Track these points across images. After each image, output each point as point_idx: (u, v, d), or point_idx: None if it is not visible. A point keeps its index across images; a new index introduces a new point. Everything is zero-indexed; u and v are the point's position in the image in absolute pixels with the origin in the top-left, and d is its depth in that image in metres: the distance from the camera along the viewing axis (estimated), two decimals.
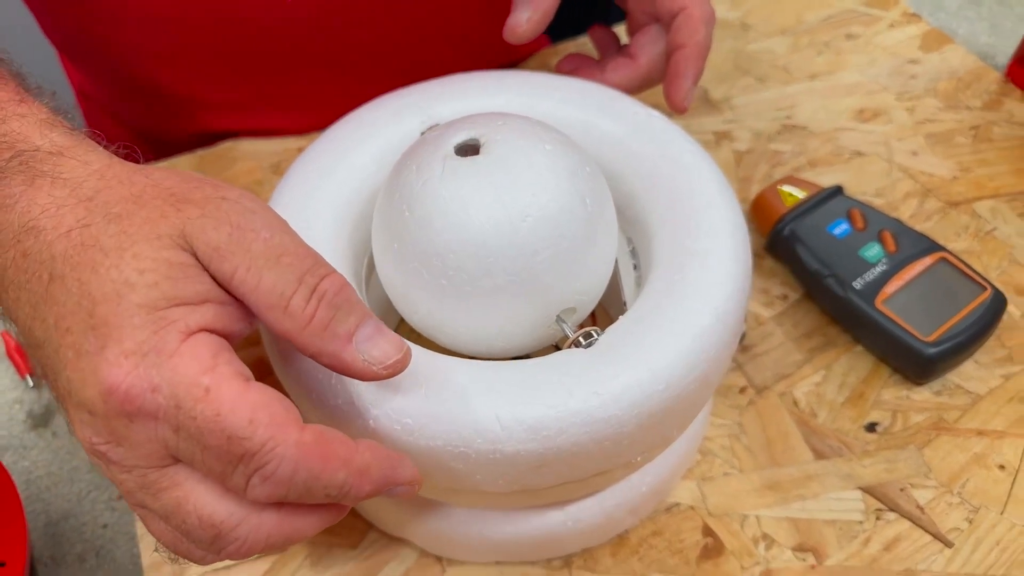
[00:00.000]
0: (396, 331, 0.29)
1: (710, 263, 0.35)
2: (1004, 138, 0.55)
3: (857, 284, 0.45)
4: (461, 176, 0.32)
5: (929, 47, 0.61)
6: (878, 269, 0.45)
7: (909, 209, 0.52)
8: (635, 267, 0.39)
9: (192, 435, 0.25)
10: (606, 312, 0.43)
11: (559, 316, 0.34)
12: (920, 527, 0.40)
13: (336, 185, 0.38)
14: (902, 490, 0.41)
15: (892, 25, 0.63)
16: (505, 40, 0.43)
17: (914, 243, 0.46)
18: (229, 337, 0.27)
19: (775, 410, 0.44)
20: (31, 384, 0.48)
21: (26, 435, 0.46)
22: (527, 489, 0.32)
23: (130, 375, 0.25)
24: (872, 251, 0.46)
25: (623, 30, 0.51)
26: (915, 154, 0.54)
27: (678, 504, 0.41)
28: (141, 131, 0.63)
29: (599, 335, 0.33)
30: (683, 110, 0.45)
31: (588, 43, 0.53)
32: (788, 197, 0.49)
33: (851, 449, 0.42)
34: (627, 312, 0.34)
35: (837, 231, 0.47)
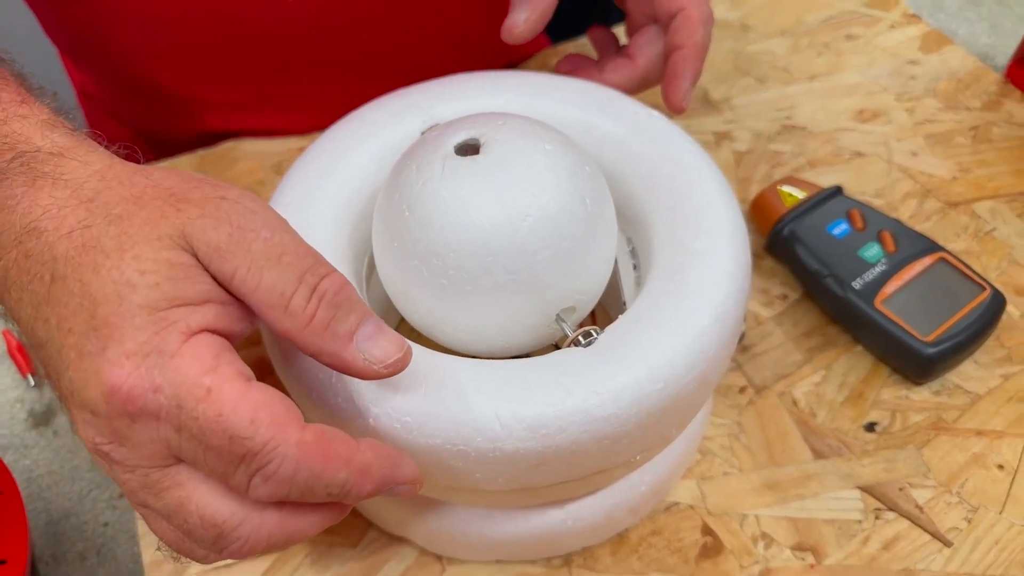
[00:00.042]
0: (396, 330, 0.29)
1: (709, 263, 0.35)
2: (1004, 139, 0.55)
3: (856, 284, 0.45)
4: (461, 176, 0.32)
5: (929, 48, 0.61)
6: (877, 269, 0.45)
7: (909, 209, 0.52)
8: (635, 267, 0.39)
9: (194, 435, 0.25)
10: (606, 312, 0.43)
11: (559, 315, 0.34)
12: (919, 526, 0.40)
13: (337, 185, 0.38)
14: (901, 490, 0.41)
15: (892, 26, 0.63)
16: (503, 40, 0.43)
17: (913, 243, 0.46)
18: (230, 337, 0.27)
19: (774, 410, 0.44)
20: (32, 383, 0.48)
21: (27, 434, 0.46)
22: (526, 487, 0.32)
23: (132, 375, 0.25)
24: (871, 251, 0.46)
25: (623, 31, 0.51)
26: (915, 155, 0.54)
27: (677, 503, 0.41)
28: (142, 131, 0.63)
29: (598, 334, 0.33)
30: (681, 110, 0.45)
31: (588, 44, 0.53)
32: (788, 197, 0.49)
33: (850, 449, 0.42)
34: (626, 311, 0.34)
35: (837, 231, 0.47)
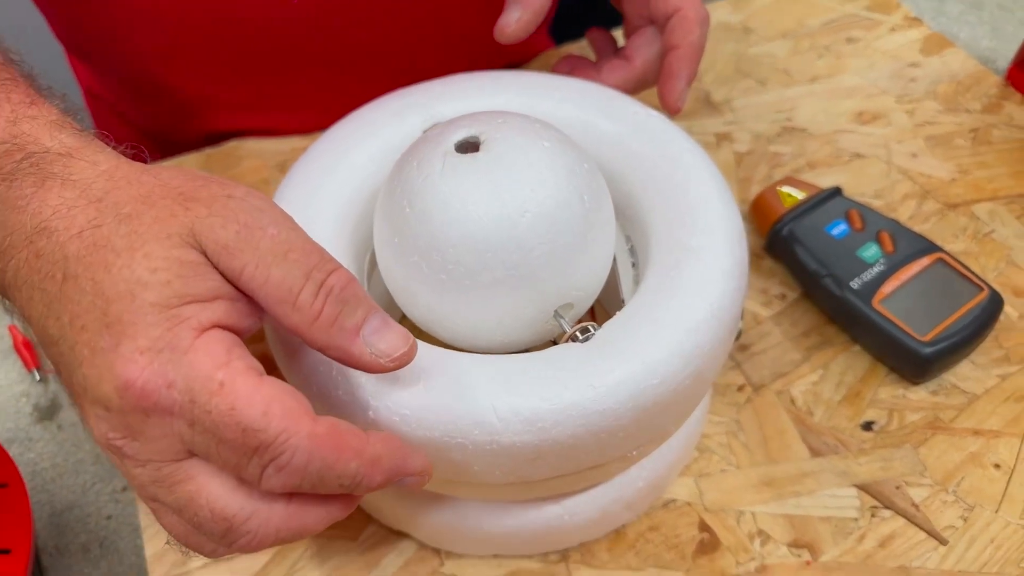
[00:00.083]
0: None
1: (706, 260, 0.35)
2: (1003, 141, 0.55)
3: (855, 284, 0.45)
4: (461, 172, 0.33)
5: (930, 51, 0.61)
6: (876, 269, 0.46)
7: (908, 211, 0.52)
8: (633, 265, 0.40)
9: (207, 428, 0.25)
10: (605, 310, 0.43)
11: (557, 311, 0.34)
12: (915, 524, 0.40)
13: (338, 183, 0.39)
14: (897, 488, 0.41)
15: (893, 29, 0.63)
16: (496, 40, 0.43)
17: (912, 244, 0.47)
18: (240, 333, 0.28)
19: (772, 408, 0.44)
20: (37, 378, 0.48)
21: (32, 428, 0.47)
22: (524, 481, 0.32)
23: (146, 371, 0.25)
24: (870, 251, 0.46)
25: (621, 33, 0.51)
26: (914, 156, 0.55)
27: (675, 500, 0.41)
28: (148, 131, 0.64)
29: (595, 330, 0.33)
30: (677, 110, 0.45)
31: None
32: (787, 198, 0.49)
33: (847, 447, 0.42)
34: (624, 308, 0.34)
35: (835, 231, 0.47)
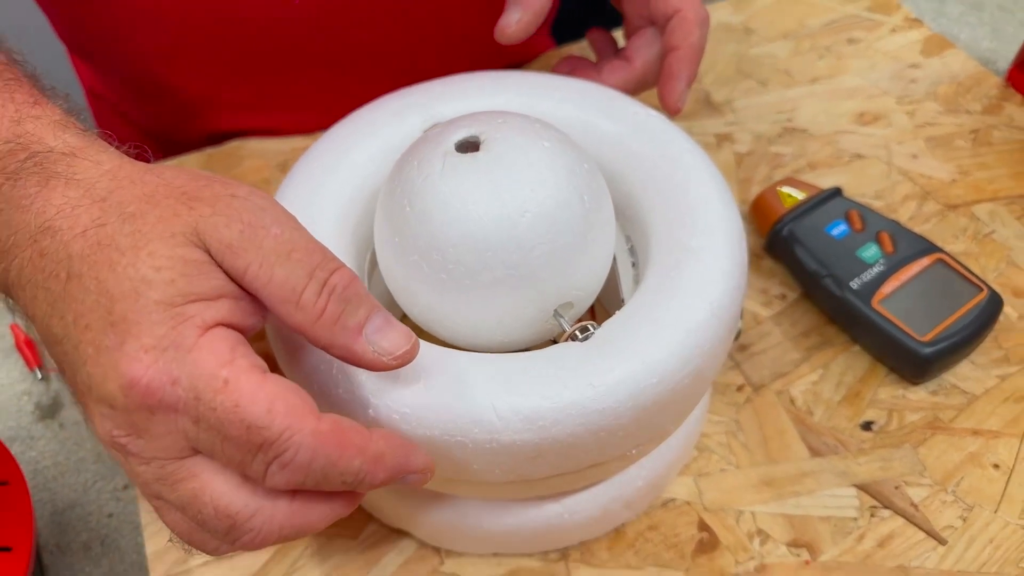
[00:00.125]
0: None
1: (706, 260, 0.35)
2: (1004, 142, 0.55)
3: (854, 284, 0.45)
4: (461, 172, 0.33)
5: (930, 52, 0.61)
6: (875, 269, 0.46)
7: (908, 211, 0.52)
8: (633, 265, 0.40)
9: (212, 426, 0.26)
10: (605, 309, 0.43)
11: (557, 311, 0.34)
12: (914, 524, 0.40)
13: (339, 183, 0.39)
14: (897, 488, 0.41)
15: (894, 30, 0.63)
16: (496, 41, 0.43)
17: (911, 244, 0.47)
18: (243, 331, 0.28)
19: (772, 408, 0.44)
20: (39, 376, 0.48)
21: (34, 426, 0.47)
22: (524, 479, 0.33)
23: (151, 369, 0.25)
24: (870, 252, 0.46)
25: (622, 34, 0.51)
26: (915, 157, 0.55)
27: (674, 499, 0.41)
28: (150, 130, 0.64)
29: (595, 329, 0.33)
30: (677, 111, 0.45)
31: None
32: (787, 198, 0.49)
33: (847, 447, 0.42)
34: (623, 307, 0.34)
35: (835, 232, 0.47)
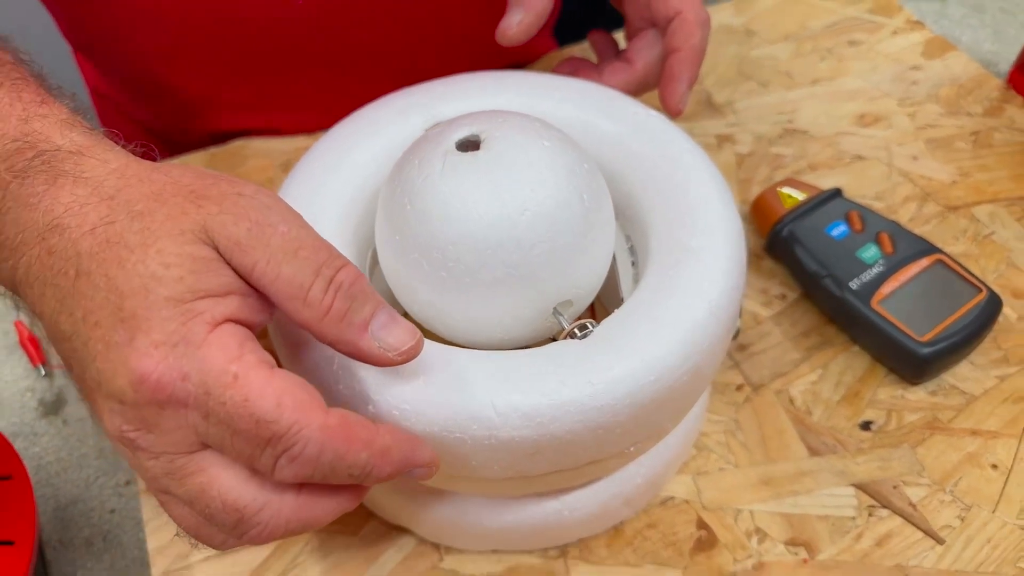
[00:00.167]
0: None
1: (705, 259, 0.35)
2: (1004, 144, 0.55)
3: (854, 284, 0.45)
4: (461, 171, 0.33)
5: (932, 54, 0.61)
6: (875, 270, 0.46)
7: (908, 213, 0.52)
8: (633, 264, 0.40)
9: (222, 420, 0.26)
10: (605, 308, 0.43)
11: (556, 309, 0.34)
12: (912, 524, 0.40)
13: (341, 182, 0.39)
14: (895, 487, 0.41)
15: (895, 32, 0.63)
16: (498, 42, 0.44)
17: (911, 245, 0.47)
18: (251, 327, 0.28)
19: (771, 407, 0.44)
20: (43, 373, 0.49)
21: (37, 422, 0.47)
22: (523, 475, 0.33)
23: (161, 364, 0.25)
24: (869, 252, 0.46)
25: (623, 35, 0.51)
26: (915, 159, 0.55)
27: (673, 497, 0.41)
28: (154, 130, 0.64)
29: (594, 327, 0.33)
30: (678, 113, 0.45)
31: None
32: (787, 199, 0.50)
33: (845, 447, 0.43)
34: (622, 305, 0.35)
35: (835, 232, 0.48)
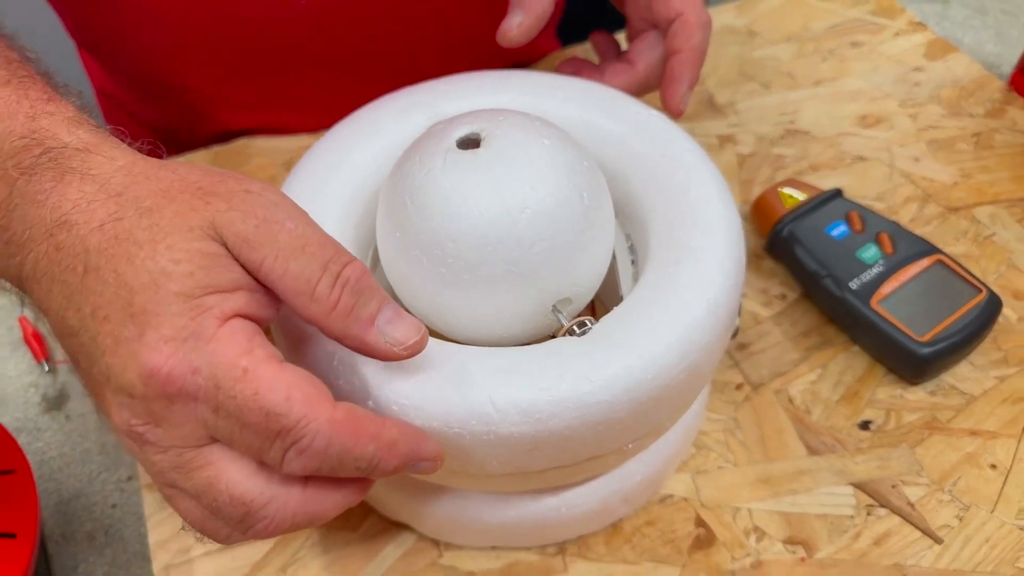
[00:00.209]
0: None
1: (705, 258, 0.35)
2: (1006, 145, 0.56)
3: (854, 284, 0.45)
4: (462, 169, 0.33)
5: (934, 55, 0.61)
6: (875, 270, 0.46)
7: (909, 213, 0.52)
8: (633, 262, 0.40)
9: (231, 413, 0.26)
10: (605, 307, 0.43)
11: (555, 306, 0.34)
12: (910, 523, 0.40)
13: (342, 180, 0.39)
14: (893, 487, 0.41)
15: (897, 34, 0.63)
16: (498, 43, 0.44)
17: (911, 245, 0.47)
18: (259, 322, 0.28)
19: (770, 406, 0.44)
20: (46, 369, 0.49)
21: (40, 418, 0.47)
22: (521, 471, 0.33)
23: (171, 358, 0.26)
24: (869, 252, 0.47)
25: (625, 36, 0.52)
26: (917, 160, 0.55)
27: (671, 495, 0.41)
28: (158, 129, 0.65)
29: (593, 324, 0.34)
30: (679, 114, 0.46)
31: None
32: (788, 199, 0.50)
33: (844, 446, 0.43)
34: (621, 303, 0.35)
35: (835, 233, 0.48)
